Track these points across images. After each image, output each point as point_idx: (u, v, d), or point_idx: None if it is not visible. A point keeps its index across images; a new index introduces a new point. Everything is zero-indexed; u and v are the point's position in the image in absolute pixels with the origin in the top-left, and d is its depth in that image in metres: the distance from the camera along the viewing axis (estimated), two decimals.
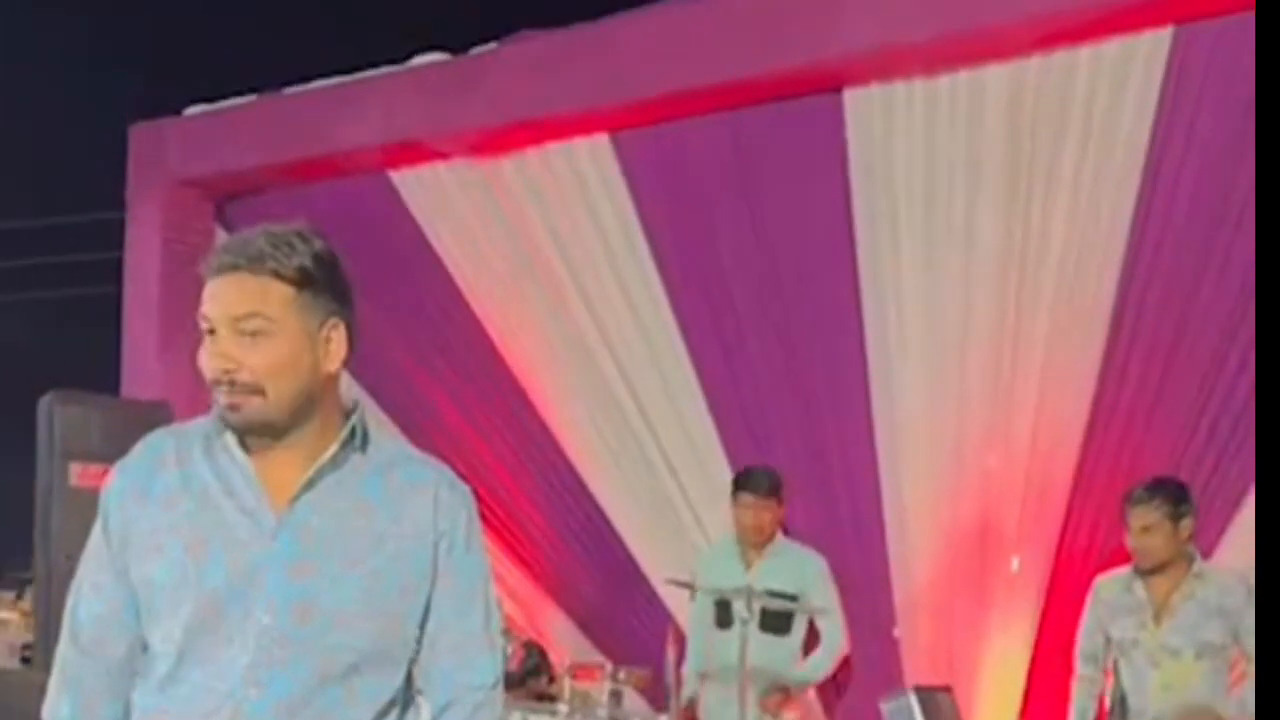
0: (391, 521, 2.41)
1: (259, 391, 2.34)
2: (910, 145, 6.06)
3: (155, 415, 6.07)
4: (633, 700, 6.23)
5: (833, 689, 6.14)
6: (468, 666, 2.50)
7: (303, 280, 2.37)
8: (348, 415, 2.45)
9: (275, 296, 2.35)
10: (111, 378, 8.58)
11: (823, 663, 5.90)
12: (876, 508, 6.19)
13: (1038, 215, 5.80)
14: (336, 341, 2.41)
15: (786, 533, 6.05)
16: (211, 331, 2.35)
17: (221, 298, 2.35)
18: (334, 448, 2.40)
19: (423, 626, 2.46)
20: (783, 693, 5.79)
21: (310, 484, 2.38)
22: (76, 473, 7.04)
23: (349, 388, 2.51)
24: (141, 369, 8.35)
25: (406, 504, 2.44)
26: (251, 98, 8.09)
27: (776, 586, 5.73)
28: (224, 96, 8.18)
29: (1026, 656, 5.85)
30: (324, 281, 2.40)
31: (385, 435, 2.51)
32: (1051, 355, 5.80)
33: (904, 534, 6.13)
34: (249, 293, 2.34)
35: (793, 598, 5.78)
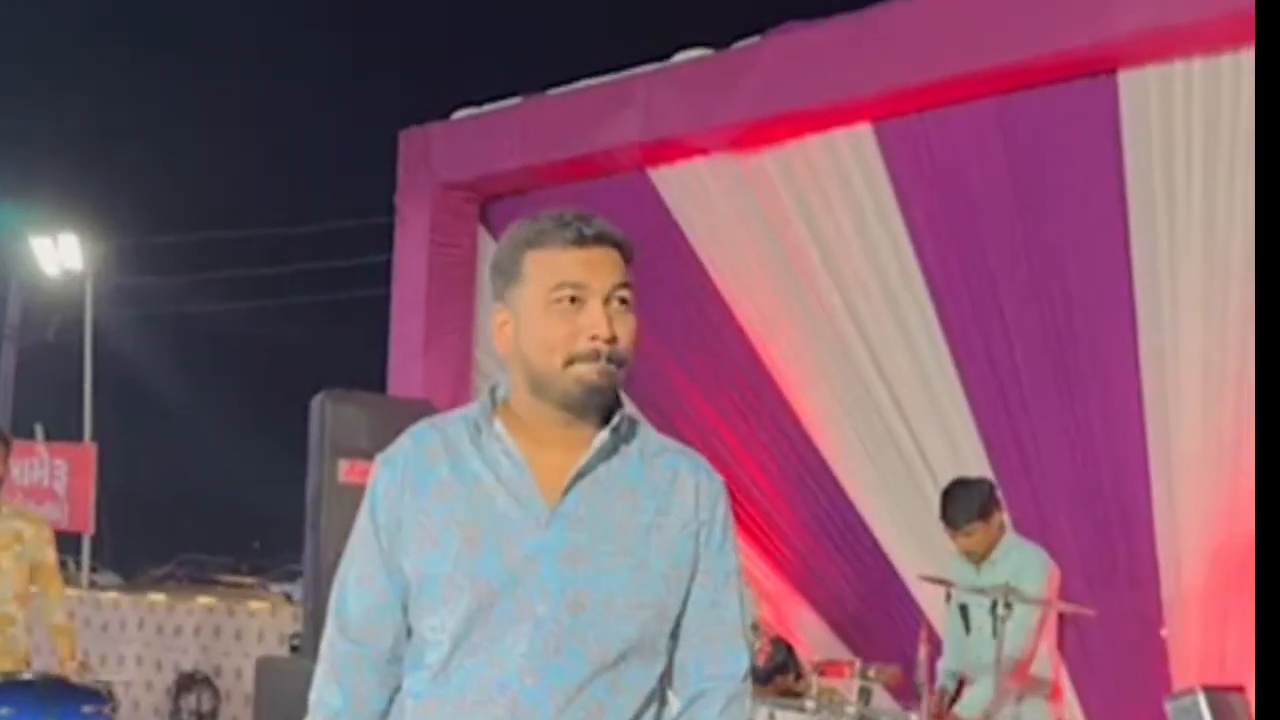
0: (658, 511, 2.40)
1: (624, 364, 2.34)
2: (1189, 129, 5.82)
3: (420, 413, 6.18)
4: (881, 699, 6.11)
5: (1094, 690, 5.90)
6: (721, 658, 2.46)
7: (630, 264, 2.39)
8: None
9: (629, 273, 2.37)
10: (377, 377, 8.84)
11: (978, 697, 5.52)
12: (1146, 503, 5.94)
13: None
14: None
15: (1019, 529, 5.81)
16: (576, 300, 2.32)
17: (598, 266, 2.33)
18: (604, 435, 2.38)
19: (678, 618, 2.43)
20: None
21: (583, 473, 2.36)
22: (345, 469, 7.27)
23: None
24: (407, 368, 8.58)
25: (671, 493, 2.42)
26: (516, 100, 8.24)
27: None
28: (491, 99, 8.36)
29: None
30: None
31: (643, 423, 2.48)
32: None
33: (1174, 530, 5.86)
34: (620, 265, 2.36)
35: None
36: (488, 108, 8.37)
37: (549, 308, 2.32)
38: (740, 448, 7.32)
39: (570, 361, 2.31)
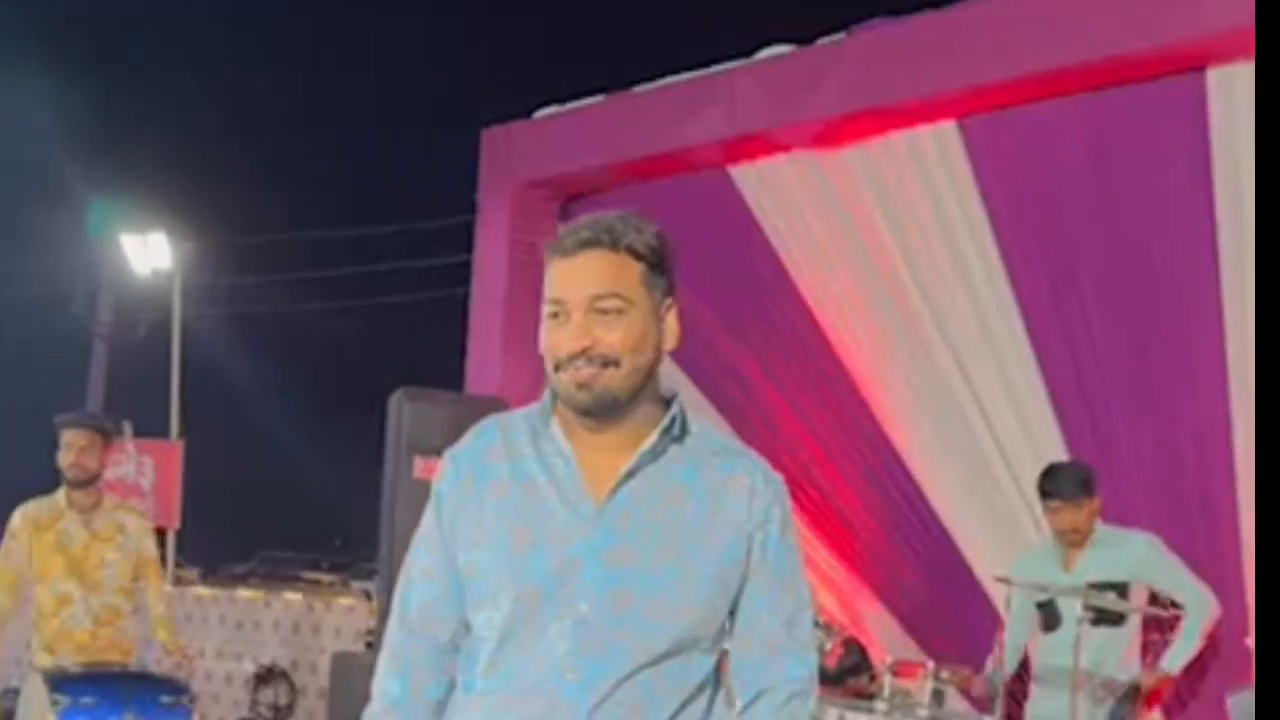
0: (707, 512, 2.42)
1: (614, 363, 2.36)
2: None
3: (494, 410, 6.18)
4: (955, 701, 6.06)
5: (1175, 699, 5.80)
6: (779, 659, 2.49)
7: (651, 257, 2.41)
8: (666, 404, 2.46)
9: (629, 274, 2.38)
10: (455, 376, 8.87)
11: (1184, 648, 5.55)
12: (1232, 506, 5.81)
13: None
14: (672, 321, 2.45)
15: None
16: (559, 315, 2.38)
17: (577, 278, 2.38)
18: (654, 436, 2.41)
19: (733, 616, 2.46)
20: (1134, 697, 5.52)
21: (631, 474, 2.40)
22: (420, 466, 7.32)
23: (666, 377, 2.51)
24: (485, 366, 8.60)
25: (722, 495, 2.44)
26: (599, 98, 8.23)
27: (1102, 578, 5.48)
28: (575, 98, 8.35)
29: None
30: (665, 262, 2.44)
31: (701, 423, 2.51)
32: None
33: None
34: (605, 271, 2.38)
35: (1122, 585, 5.49)
36: (570, 106, 8.38)
37: (546, 320, 2.42)
38: (816, 446, 7.27)
39: (557, 368, 2.39)
